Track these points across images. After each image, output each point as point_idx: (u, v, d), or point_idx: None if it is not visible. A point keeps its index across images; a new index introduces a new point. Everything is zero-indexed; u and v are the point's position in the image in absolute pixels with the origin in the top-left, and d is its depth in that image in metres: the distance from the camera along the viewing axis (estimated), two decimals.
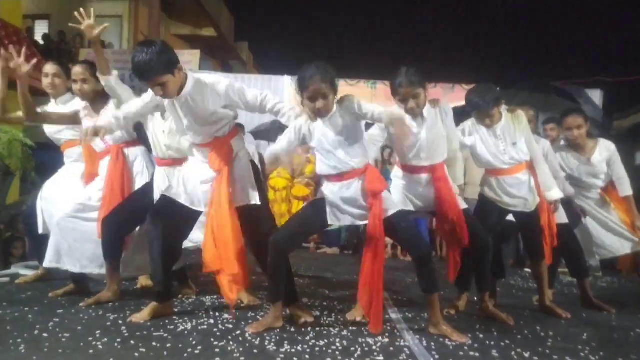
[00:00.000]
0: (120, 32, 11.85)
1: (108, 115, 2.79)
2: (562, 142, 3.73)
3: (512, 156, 3.01)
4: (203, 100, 2.53)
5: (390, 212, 2.48)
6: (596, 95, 8.06)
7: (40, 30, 11.57)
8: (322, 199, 2.59)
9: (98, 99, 3.19)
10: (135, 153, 3.24)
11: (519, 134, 3.00)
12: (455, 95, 8.33)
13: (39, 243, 3.41)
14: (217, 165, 2.60)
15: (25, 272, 3.85)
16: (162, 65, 2.39)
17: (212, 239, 2.55)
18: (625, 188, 3.48)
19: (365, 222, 2.51)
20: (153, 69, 2.39)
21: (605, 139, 3.59)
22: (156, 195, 3.01)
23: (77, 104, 3.31)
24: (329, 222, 2.60)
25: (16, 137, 4.91)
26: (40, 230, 3.40)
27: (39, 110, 3.17)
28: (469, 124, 3.11)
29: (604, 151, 3.49)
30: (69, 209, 3.11)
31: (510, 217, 3.20)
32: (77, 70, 3.17)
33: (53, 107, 3.44)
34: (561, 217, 3.36)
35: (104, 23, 3.23)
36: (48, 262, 3.06)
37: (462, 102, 6.85)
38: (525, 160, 3.04)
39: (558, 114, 3.88)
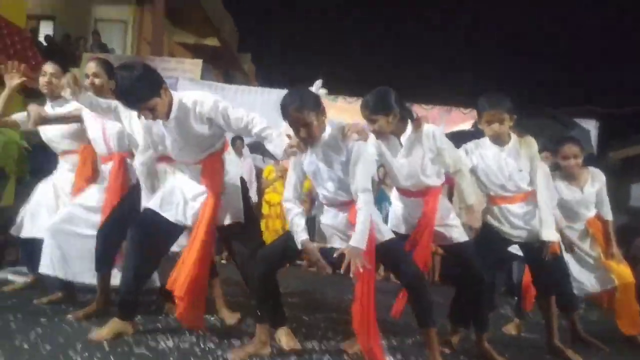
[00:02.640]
0: (124, 37, 11.91)
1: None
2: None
3: (517, 183, 2.89)
4: (189, 124, 2.48)
5: (379, 239, 2.42)
6: (591, 126, 8.12)
7: (45, 31, 11.62)
8: (314, 216, 2.57)
9: (107, 97, 3.03)
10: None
11: (525, 160, 2.87)
12: (452, 118, 8.38)
13: (30, 249, 3.39)
14: (208, 183, 2.58)
15: (13, 277, 3.82)
16: (147, 89, 2.33)
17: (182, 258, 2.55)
18: (607, 212, 3.49)
19: None
20: (138, 95, 2.33)
21: (595, 168, 3.54)
22: (143, 203, 2.89)
23: (73, 107, 3.19)
24: (316, 239, 2.52)
25: (13, 139, 4.88)
26: (21, 234, 3.36)
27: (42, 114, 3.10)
28: (472, 145, 3.00)
29: (597, 182, 3.46)
30: (63, 215, 3.07)
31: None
32: (90, 65, 3.12)
33: (47, 109, 3.31)
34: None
35: (108, 27, 3.21)
36: (44, 267, 3.00)
37: (459, 126, 6.84)
38: (531, 188, 2.91)
39: (550, 140, 3.83)
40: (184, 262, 2.55)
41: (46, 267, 3.00)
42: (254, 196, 3.16)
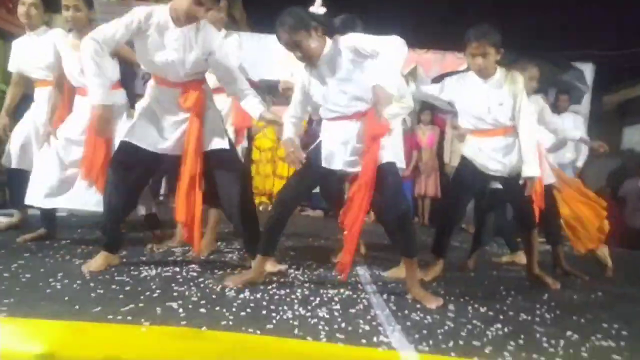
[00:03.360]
0: None
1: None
2: None
3: (496, 117, 2.83)
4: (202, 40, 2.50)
5: (384, 160, 2.39)
6: (588, 69, 8.00)
7: None
8: (319, 142, 2.53)
9: (87, 28, 2.91)
10: (116, 98, 3.01)
11: (508, 95, 2.81)
12: (447, 63, 8.22)
13: (16, 183, 3.36)
14: (191, 103, 2.53)
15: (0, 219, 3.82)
16: None
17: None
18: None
19: (355, 169, 2.41)
20: None
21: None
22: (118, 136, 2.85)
23: (52, 36, 3.17)
24: (322, 164, 2.48)
25: None
26: (13, 165, 3.35)
27: None
28: (454, 77, 2.97)
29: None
30: (48, 148, 3.06)
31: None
32: None
33: (26, 39, 3.31)
34: (548, 177, 3.31)
35: None
36: (30, 199, 3.02)
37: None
38: (512, 124, 2.85)
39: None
40: (179, 189, 2.56)
41: (32, 198, 3.02)
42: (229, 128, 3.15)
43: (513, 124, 2.85)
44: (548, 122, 3.48)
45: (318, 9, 2.46)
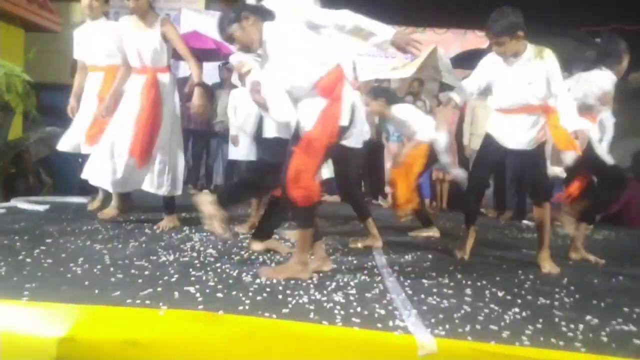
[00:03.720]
0: None
1: None
2: None
3: (525, 97, 2.82)
4: None
5: None
6: None
7: None
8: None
9: (150, 14, 3.25)
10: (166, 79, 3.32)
11: (539, 73, 2.76)
12: (467, 42, 8.06)
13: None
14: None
15: (24, 206, 3.92)
16: None
17: None
18: None
19: None
20: None
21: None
22: None
23: (111, 27, 3.41)
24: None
25: (13, 71, 4.85)
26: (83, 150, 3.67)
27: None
28: (483, 63, 2.98)
29: None
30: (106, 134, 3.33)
31: None
32: None
33: (86, 27, 3.69)
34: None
35: None
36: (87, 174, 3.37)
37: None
38: (539, 104, 2.83)
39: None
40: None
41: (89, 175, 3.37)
42: None
43: (540, 104, 2.85)
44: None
45: None
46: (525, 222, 4.94)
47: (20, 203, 4.02)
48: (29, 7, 6.14)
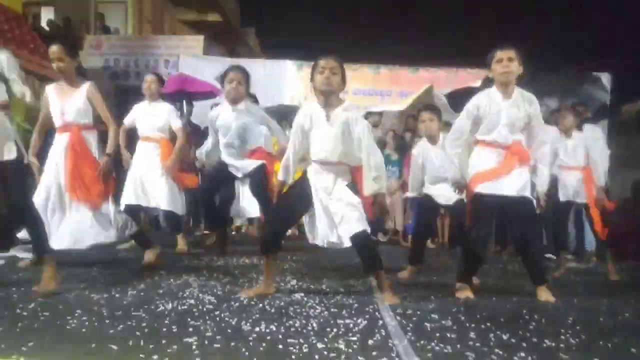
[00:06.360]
0: (125, 17, 11.82)
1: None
2: None
3: (507, 134, 3.01)
4: None
5: None
6: (605, 79, 7.89)
7: (47, 16, 11.58)
8: None
9: (75, 77, 3.42)
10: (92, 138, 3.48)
11: (523, 115, 3.00)
12: (460, 80, 8.19)
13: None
14: None
15: (23, 255, 3.89)
16: None
17: None
18: None
19: None
20: None
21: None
22: None
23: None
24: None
25: (17, 122, 4.91)
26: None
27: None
28: (473, 100, 3.11)
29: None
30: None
31: None
32: (52, 49, 3.33)
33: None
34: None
35: (108, 8, 3.46)
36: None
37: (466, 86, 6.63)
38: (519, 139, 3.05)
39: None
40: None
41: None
42: None
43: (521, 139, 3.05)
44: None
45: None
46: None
47: (19, 252, 3.99)
48: (41, 62, 6.34)
